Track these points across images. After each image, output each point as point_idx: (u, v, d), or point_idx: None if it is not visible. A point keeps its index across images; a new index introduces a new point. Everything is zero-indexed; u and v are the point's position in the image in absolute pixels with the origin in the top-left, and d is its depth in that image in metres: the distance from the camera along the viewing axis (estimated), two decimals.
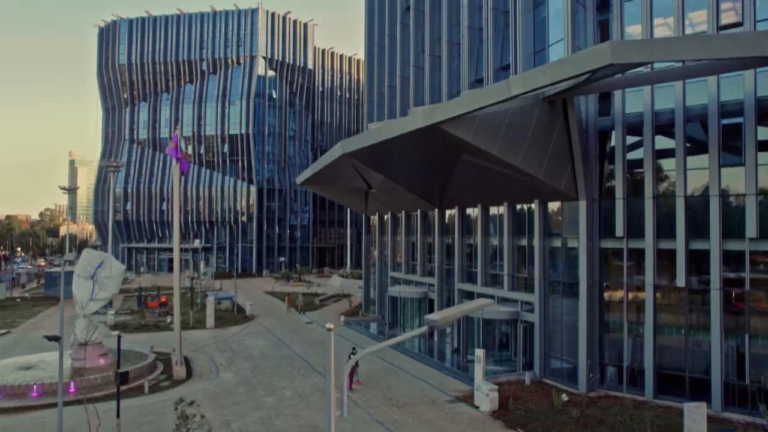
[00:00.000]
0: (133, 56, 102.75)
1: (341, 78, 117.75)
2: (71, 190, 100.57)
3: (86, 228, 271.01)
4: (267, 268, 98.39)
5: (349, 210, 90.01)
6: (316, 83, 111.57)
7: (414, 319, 41.22)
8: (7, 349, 36.47)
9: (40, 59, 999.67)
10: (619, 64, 16.68)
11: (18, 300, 61.43)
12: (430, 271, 40.15)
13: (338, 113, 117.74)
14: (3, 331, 42.25)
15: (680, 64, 22.16)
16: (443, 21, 36.33)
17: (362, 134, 25.96)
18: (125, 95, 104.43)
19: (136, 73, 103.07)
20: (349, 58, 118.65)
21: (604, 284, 26.74)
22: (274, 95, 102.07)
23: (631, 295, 26.01)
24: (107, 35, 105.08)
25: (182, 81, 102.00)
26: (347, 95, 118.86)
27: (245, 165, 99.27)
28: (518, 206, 31.06)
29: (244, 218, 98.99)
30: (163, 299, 55.09)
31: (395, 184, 34.00)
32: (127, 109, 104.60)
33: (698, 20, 25.14)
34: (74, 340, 30.26)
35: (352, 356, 27.61)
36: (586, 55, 16.80)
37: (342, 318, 47.38)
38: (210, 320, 44.96)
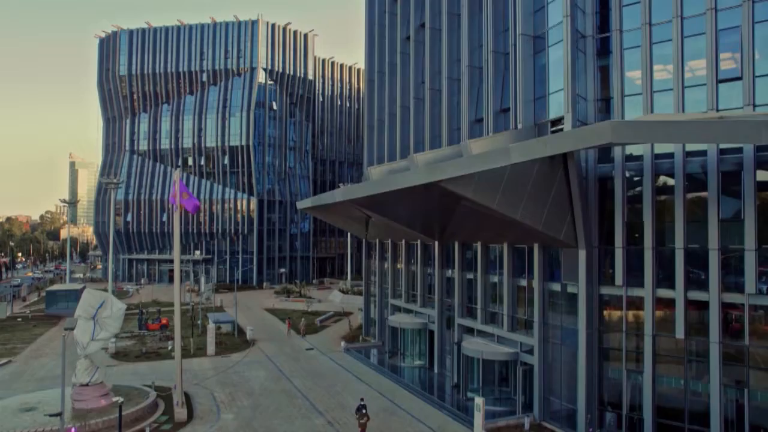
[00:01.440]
0: (134, 67, 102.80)
1: (341, 87, 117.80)
2: (71, 203, 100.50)
3: (87, 231, 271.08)
4: (267, 279, 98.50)
5: None
6: (317, 93, 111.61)
7: (414, 348, 41.35)
8: (8, 383, 36.59)
9: (40, 59, 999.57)
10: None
11: (19, 319, 61.48)
12: (430, 302, 40.22)
13: (338, 122, 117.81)
14: (4, 360, 42.34)
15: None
16: (443, 56, 36.36)
17: (363, 184, 26.06)
18: (126, 106, 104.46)
19: (136, 83, 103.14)
20: (350, 68, 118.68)
21: (604, 332, 26.82)
22: (275, 106, 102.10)
23: (630, 344, 26.08)
24: (107, 46, 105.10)
25: (182, 92, 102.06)
26: (347, 104, 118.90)
27: (246, 176, 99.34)
28: (519, 245, 31.11)
29: (245, 230, 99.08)
30: (164, 321, 55.22)
31: (395, 222, 34.05)
32: (128, 120, 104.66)
33: (698, 68, 25.25)
34: (75, 380, 30.31)
35: (362, 408, 27.66)
36: (587, 132, 16.86)
37: (342, 344, 47.48)
38: (211, 347, 45.05)
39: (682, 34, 25.16)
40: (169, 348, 45.04)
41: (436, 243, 38.16)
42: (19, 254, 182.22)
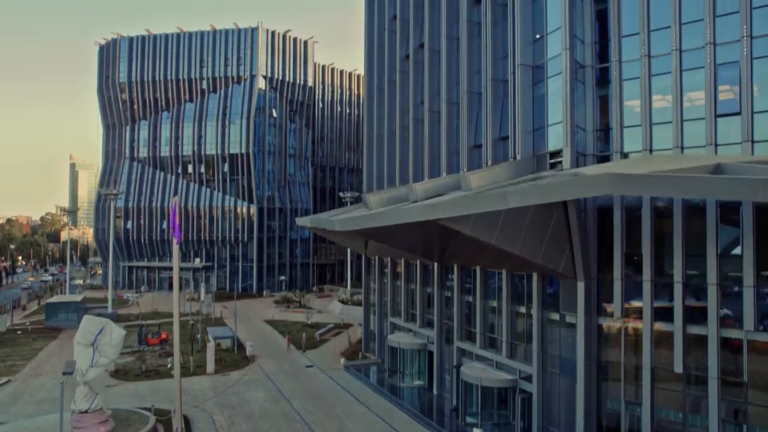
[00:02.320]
0: (134, 74, 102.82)
1: (341, 93, 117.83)
2: (71, 212, 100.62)
3: (87, 233, 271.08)
4: (267, 287, 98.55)
5: None
6: (316, 99, 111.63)
7: (413, 368, 41.40)
8: (7, 406, 36.61)
9: (41, 59, 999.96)
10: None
11: (19, 332, 61.50)
12: (429, 322, 40.23)
13: (338, 129, 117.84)
14: (3, 380, 42.35)
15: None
16: (442, 79, 36.34)
17: (361, 216, 26.05)
18: (125, 113, 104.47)
19: (136, 91, 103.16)
20: (350, 74, 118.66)
21: (602, 363, 26.81)
22: (274, 114, 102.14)
23: (629, 376, 26.08)
24: (107, 53, 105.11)
25: (182, 99, 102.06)
26: (347, 110, 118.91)
27: (245, 184, 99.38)
28: (518, 272, 31.11)
29: (245, 237, 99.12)
30: (164, 336, 55.22)
31: (394, 247, 34.06)
32: (128, 127, 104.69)
33: (697, 98, 25.25)
34: (75, 407, 30.32)
35: None
36: (584, 183, 16.88)
37: (342, 361, 47.50)
38: (210, 365, 45.07)
39: (681, 68, 25.17)
40: (169, 366, 45.06)
41: (436, 264, 38.18)
42: (20, 257, 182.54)
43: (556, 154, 26.36)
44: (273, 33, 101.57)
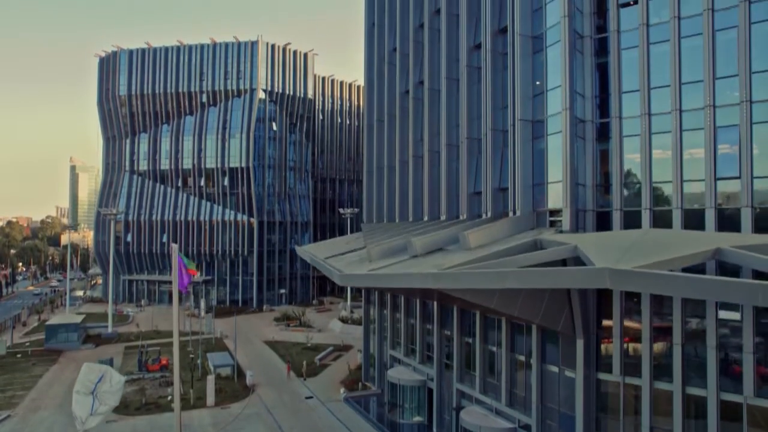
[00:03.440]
0: (133, 87, 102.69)
1: (341, 104, 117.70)
2: (73, 227, 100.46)
3: (87, 236, 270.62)
4: (267, 302, 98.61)
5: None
6: (316, 111, 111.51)
7: (413, 403, 41.41)
8: None
9: (41, 59, 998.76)
10: None
11: (18, 355, 61.51)
12: (429, 358, 40.23)
13: (339, 140, 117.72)
14: (3, 415, 42.37)
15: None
16: (442, 120, 36.29)
17: (362, 276, 26.03)
18: (125, 125, 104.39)
19: (136, 104, 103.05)
20: (350, 84, 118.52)
21: (601, 419, 26.83)
22: (274, 127, 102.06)
23: None
24: (107, 66, 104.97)
25: (182, 112, 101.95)
26: (347, 121, 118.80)
27: (245, 197, 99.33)
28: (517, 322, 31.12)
29: (245, 251, 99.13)
30: (164, 362, 55.24)
31: (393, 292, 34.07)
32: (128, 140, 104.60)
33: (696, 156, 25.27)
34: None
35: None
36: (584, 275, 16.90)
37: (342, 391, 47.56)
38: (210, 398, 45.14)
39: (681, 127, 25.18)
40: (169, 398, 45.10)
41: (435, 303, 38.17)
42: (20, 264, 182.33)
43: (557, 212, 26.35)
44: (273, 46, 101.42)
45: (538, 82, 29.08)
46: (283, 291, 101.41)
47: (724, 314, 23.35)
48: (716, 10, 24.44)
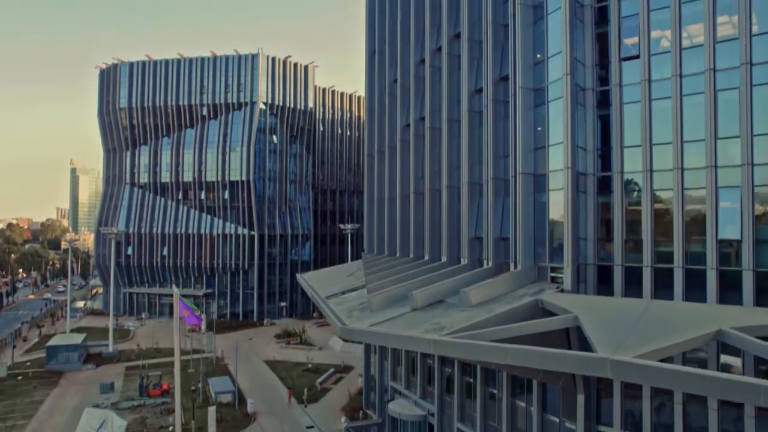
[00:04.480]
0: (134, 100, 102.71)
1: (342, 115, 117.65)
2: (72, 242, 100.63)
3: (87, 238, 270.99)
4: (268, 314, 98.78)
5: (350, 249, 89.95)
6: (317, 122, 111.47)
7: None
8: None
9: (41, 60, 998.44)
10: None
11: (19, 378, 61.58)
12: (430, 393, 40.27)
13: (339, 151, 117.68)
14: None
15: None
16: (443, 161, 36.31)
17: (363, 332, 26.10)
18: (126, 138, 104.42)
19: (136, 116, 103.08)
20: (350, 95, 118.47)
21: None
22: (275, 140, 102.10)
23: None
24: (108, 78, 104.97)
25: (183, 125, 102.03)
26: (348, 132, 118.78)
27: (246, 211, 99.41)
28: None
29: (245, 264, 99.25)
30: (165, 387, 55.31)
31: None
32: (128, 152, 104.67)
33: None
34: None
35: None
36: (585, 363, 16.97)
37: (343, 420, 47.63)
38: (212, 429, 45.04)
39: (683, 185, 25.21)
40: (170, 429, 45.17)
41: None
42: (20, 270, 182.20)
43: (558, 269, 26.39)
44: (273, 59, 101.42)
45: (539, 128, 29.15)
46: (283, 304, 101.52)
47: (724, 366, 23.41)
48: (718, 70, 24.46)
